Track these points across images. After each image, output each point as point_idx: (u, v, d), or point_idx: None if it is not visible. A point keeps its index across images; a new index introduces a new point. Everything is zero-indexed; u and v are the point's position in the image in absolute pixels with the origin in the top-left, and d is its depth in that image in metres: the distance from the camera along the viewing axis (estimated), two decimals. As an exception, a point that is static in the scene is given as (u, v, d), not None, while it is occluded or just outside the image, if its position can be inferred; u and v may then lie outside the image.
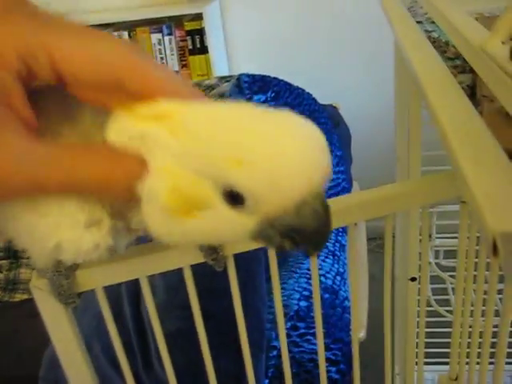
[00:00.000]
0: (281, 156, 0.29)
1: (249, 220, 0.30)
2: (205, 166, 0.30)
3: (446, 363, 1.03)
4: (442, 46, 0.43)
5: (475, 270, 0.50)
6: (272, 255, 0.51)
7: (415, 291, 0.58)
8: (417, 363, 0.73)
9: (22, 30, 0.29)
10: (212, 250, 0.48)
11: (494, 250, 0.17)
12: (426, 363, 1.02)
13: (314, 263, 0.52)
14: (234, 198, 0.30)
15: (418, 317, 0.64)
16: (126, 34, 2.20)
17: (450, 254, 1.04)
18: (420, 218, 0.46)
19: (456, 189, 0.25)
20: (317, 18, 2.23)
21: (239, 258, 0.53)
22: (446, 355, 1.02)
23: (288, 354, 0.60)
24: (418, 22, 0.55)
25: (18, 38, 0.29)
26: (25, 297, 1.52)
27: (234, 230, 0.31)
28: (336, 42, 2.25)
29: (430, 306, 0.97)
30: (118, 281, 0.46)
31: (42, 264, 0.42)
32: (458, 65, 0.40)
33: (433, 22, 0.62)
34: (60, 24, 0.31)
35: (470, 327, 0.60)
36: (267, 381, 1.12)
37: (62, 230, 0.36)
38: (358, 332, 1.17)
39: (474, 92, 0.32)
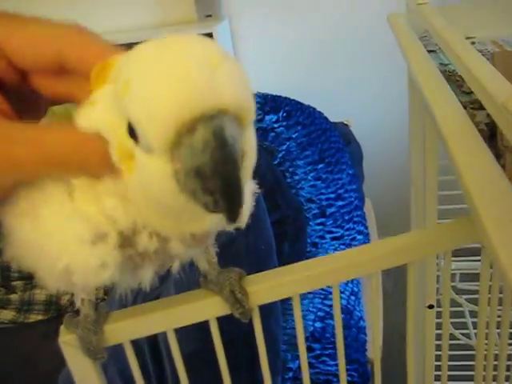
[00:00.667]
0: (157, 80, 0.27)
1: (162, 164, 0.28)
2: (119, 105, 0.29)
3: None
4: (458, 80, 0.43)
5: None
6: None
7: (433, 318, 0.58)
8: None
9: None
10: (238, 304, 0.48)
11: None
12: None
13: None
14: (134, 134, 0.28)
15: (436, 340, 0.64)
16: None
17: (466, 276, 1.03)
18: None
19: (475, 235, 0.25)
20: (327, 38, 2.24)
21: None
22: (461, 378, 1.01)
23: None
24: (431, 51, 0.55)
25: None
26: (39, 318, 1.52)
27: (157, 181, 0.29)
28: (347, 60, 2.26)
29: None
30: (145, 334, 0.47)
31: (52, 287, 0.40)
32: (475, 100, 0.40)
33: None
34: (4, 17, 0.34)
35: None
36: (283, 402, 1.12)
37: (68, 249, 0.35)
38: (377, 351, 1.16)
39: (493, 132, 0.32)
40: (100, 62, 0.32)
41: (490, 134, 0.32)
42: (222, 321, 0.58)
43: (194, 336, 0.83)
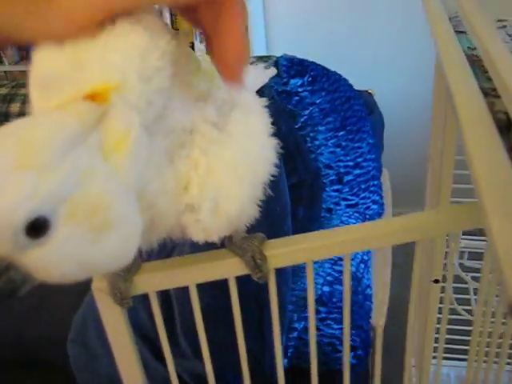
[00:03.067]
0: None
1: None
2: None
3: (462, 359, 1.05)
4: (483, 66, 0.44)
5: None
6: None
7: (438, 293, 0.60)
8: (435, 357, 0.75)
9: None
10: (257, 268, 0.51)
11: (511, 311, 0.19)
12: (446, 358, 1.05)
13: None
14: None
15: (439, 314, 0.66)
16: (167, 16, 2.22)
17: (475, 255, 1.05)
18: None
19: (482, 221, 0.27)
20: (359, 7, 2.21)
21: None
22: (462, 352, 1.04)
23: (307, 336, 0.62)
24: (460, 33, 0.56)
25: None
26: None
27: None
28: (376, 30, 2.23)
29: (451, 304, 0.99)
30: (169, 287, 0.50)
31: None
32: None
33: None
34: None
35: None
36: (286, 360, 1.15)
37: None
38: (379, 320, 1.19)
39: (510, 122, 0.34)
40: None
41: (509, 123, 0.33)
42: (237, 281, 0.61)
43: (209, 292, 0.86)
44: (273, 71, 0.59)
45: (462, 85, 0.32)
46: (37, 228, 0.28)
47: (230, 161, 0.40)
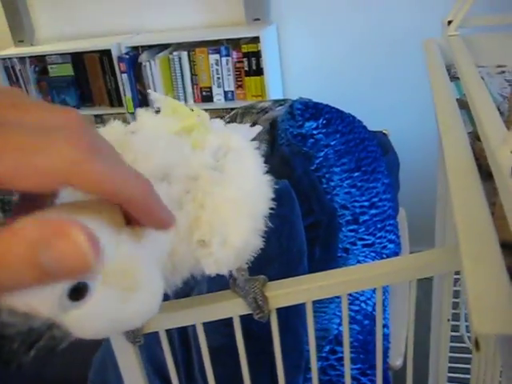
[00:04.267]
0: None
1: None
2: None
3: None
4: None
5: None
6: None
7: (448, 331, 0.61)
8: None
9: None
10: (258, 309, 0.55)
11: (477, 345, 0.21)
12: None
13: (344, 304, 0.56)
14: None
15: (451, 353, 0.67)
16: (185, 53, 2.29)
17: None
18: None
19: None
20: (370, 46, 2.26)
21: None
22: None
23: (325, 376, 0.64)
24: (458, 79, 0.59)
25: None
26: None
27: None
28: (390, 71, 2.27)
29: (463, 343, 0.99)
30: (178, 325, 0.52)
31: None
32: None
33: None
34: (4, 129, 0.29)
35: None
36: (304, 401, 1.15)
37: None
38: (396, 360, 1.19)
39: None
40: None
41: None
42: (250, 320, 0.63)
43: (223, 331, 0.87)
44: (258, 128, 0.65)
45: (450, 128, 0.35)
46: (78, 292, 0.31)
47: (232, 198, 0.45)
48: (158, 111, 0.48)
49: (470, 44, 0.67)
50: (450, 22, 0.63)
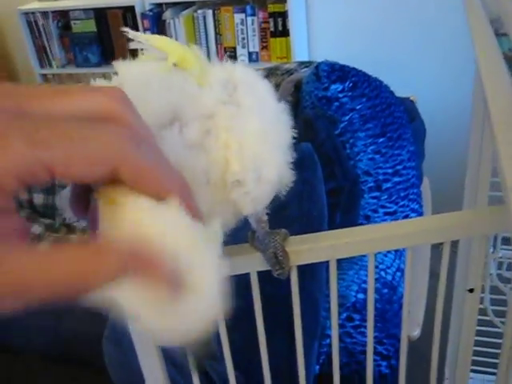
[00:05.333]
0: None
1: None
2: None
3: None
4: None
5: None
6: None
7: (474, 303, 0.58)
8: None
9: (15, 147, 0.28)
10: (278, 265, 0.52)
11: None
12: (476, 371, 1.02)
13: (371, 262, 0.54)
14: None
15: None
16: (210, 12, 2.24)
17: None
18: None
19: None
20: (402, 9, 2.19)
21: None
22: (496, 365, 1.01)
23: (340, 343, 0.62)
24: (502, 35, 0.55)
25: (14, 159, 0.28)
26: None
27: None
28: (419, 35, 2.20)
29: (487, 316, 0.96)
30: None
31: None
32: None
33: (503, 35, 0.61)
34: (45, 120, 0.30)
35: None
36: (318, 367, 1.14)
37: None
38: (413, 330, 1.17)
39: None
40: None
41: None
42: (264, 281, 0.61)
43: (238, 293, 0.86)
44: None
45: (497, 88, 0.32)
46: None
47: (256, 130, 0.42)
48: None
49: None
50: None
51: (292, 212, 1.08)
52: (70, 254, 0.30)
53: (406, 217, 1.47)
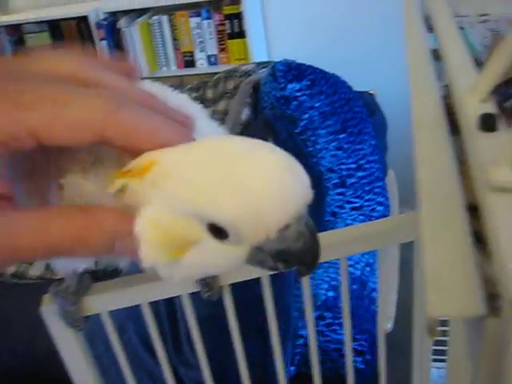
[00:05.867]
0: (258, 190, 0.29)
1: (238, 250, 0.31)
2: (188, 206, 0.30)
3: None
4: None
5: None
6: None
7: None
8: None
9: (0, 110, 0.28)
10: (206, 286, 0.52)
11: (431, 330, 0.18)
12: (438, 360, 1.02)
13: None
14: (219, 232, 0.30)
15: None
16: (165, 17, 2.22)
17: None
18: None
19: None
20: (359, 5, 2.20)
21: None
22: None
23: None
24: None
25: None
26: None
27: (227, 261, 0.32)
28: (375, 30, 2.22)
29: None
30: (122, 306, 0.49)
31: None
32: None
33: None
34: (29, 86, 0.30)
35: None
36: (293, 368, 1.14)
37: None
38: (385, 324, 1.17)
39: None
40: (146, 158, 0.31)
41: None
42: (234, 287, 0.60)
43: (208, 300, 0.85)
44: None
45: (422, 87, 0.31)
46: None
47: None
48: None
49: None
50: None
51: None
52: (63, 218, 0.31)
53: (373, 210, 1.48)
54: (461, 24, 0.64)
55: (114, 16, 2.32)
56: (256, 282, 0.56)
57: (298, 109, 1.43)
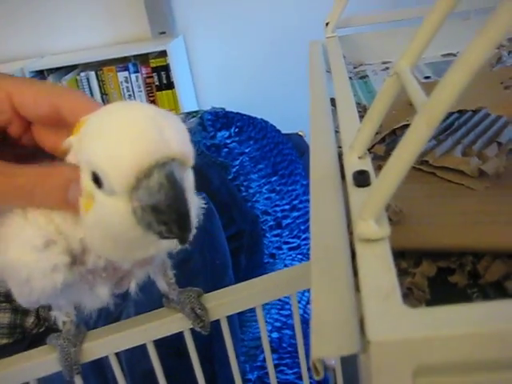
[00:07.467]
0: (117, 137, 0.33)
1: (119, 203, 0.33)
2: (83, 156, 0.34)
3: None
4: (360, 111, 0.47)
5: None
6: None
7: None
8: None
9: None
10: (198, 319, 0.56)
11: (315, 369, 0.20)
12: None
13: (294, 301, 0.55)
14: (97, 182, 0.33)
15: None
16: (93, 73, 2.24)
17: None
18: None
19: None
20: (279, 48, 2.28)
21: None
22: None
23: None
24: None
25: None
26: (4, 341, 1.51)
27: (116, 217, 0.34)
28: (299, 70, 2.30)
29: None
30: (124, 347, 0.51)
31: (25, 301, 0.44)
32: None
33: (361, 78, 0.67)
34: None
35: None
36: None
37: (25, 258, 0.39)
38: (329, 360, 1.19)
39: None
40: (85, 116, 0.37)
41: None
42: (180, 340, 0.62)
43: (159, 352, 0.85)
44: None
45: (320, 134, 0.34)
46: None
47: None
48: None
49: (355, 43, 0.68)
50: (327, 24, 0.63)
51: (195, 264, 1.09)
52: (28, 170, 0.37)
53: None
54: (366, 72, 0.69)
55: (41, 74, 2.32)
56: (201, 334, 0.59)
57: (228, 155, 1.46)
